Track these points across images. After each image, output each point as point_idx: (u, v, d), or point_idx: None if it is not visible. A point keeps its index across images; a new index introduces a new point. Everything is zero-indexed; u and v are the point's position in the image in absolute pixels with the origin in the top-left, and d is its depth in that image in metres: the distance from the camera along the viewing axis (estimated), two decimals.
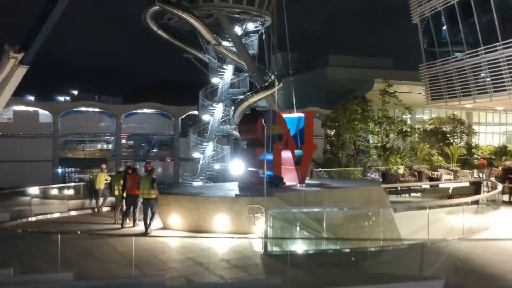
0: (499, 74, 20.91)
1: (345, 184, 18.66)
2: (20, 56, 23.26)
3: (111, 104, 48.45)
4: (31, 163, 45.71)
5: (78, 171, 52.83)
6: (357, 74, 59.56)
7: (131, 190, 15.94)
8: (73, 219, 17.71)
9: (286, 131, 17.71)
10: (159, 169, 52.72)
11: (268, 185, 16.80)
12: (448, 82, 24.39)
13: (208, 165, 36.01)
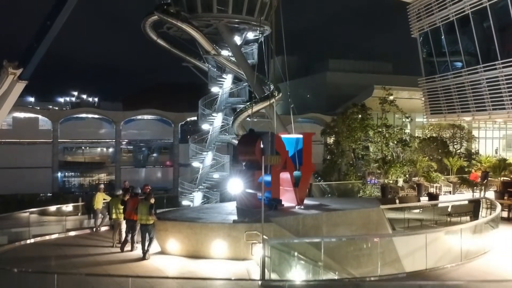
0: (498, 92, 20.87)
1: (344, 205, 18.59)
2: (19, 72, 23.32)
3: (110, 111, 48.41)
4: (31, 169, 45.74)
5: (78, 175, 52.76)
6: (357, 79, 59.58)
7: (131, 215, 15.93)
8: (72, 240, 17.69)
9: (284, 153, 17.70)
10: (158, 174, 52.95)
11: (266, 207, 16.85)
12: (447, 97, 24.37)
13: (208, 174, 35.99)
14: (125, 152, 52.31)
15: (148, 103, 73.24)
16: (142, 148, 53.80)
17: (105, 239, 17.80)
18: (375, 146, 37.13)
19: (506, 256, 16.37)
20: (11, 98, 23.81)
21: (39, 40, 23.18)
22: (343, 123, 40.20)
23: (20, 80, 23.47)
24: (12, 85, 23.43)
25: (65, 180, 51.11)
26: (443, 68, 24.32)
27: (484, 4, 20.19)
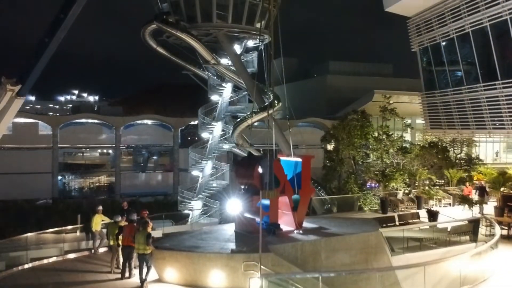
0: (498, 111, 20.76)
1: (343, 228, 18.52)
2: (17, 89, 23.16)
3: (110, 117, 48.31)
4: (31, 175, 45.74)
5: (78, 177, 52.64)
6: (357, 82, 59.45)
7: (127, 242, 15.89)
8: (70, 265, 17.65)
9: (283, 178, 17.65)
10: (158, 179, 52.89)
11: (265, 232, 16.88)
12: (447, 113, 24.27)
13: (207, 183, 35.94)
14: (125, 156, 52.26)
15: (148, 104, 73.48)
16: (142, 152, 53.78)
17: (103, 262, 17.76)
18: (375, 154, 37.05)
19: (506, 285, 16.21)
20: (10, 114, 23.66)
21: (37, 57, 23.03)
22: (343, 130, 40.11)
23: (19, 96, 23.35)
24: (10, 102, 23.28)
25: (65, 184, 51.08)
26: (443, 84, 24.20)
27: (484, 24, 20.05)
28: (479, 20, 20.26)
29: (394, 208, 28.51)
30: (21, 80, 23.29)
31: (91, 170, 53.93)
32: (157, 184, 50.93)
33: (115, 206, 44.91)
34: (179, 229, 23.55)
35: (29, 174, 45.76)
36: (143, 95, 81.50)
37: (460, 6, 21.09)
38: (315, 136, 54.29)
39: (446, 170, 31.70)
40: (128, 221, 16.51)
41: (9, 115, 23.82)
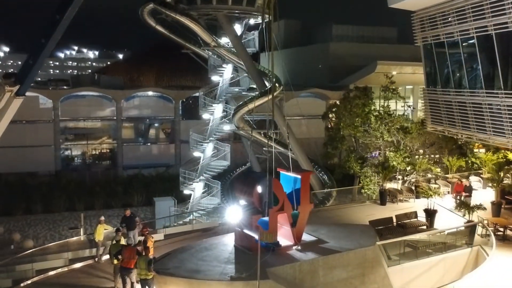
0: (499, 119, 20.65)
1: (340, 242, 18.86)
2: (16, 89, 23.02)
3: (111, 90, 48.02)
4: (33, 148, 46.07)
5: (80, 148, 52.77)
6: (361, 49, 58.45)
7: (126, 264, 16.26)
8: (74, 279, 18.14)
9: (282, 196, 17.84)
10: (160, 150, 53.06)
11: (264, 249, 17.28)
12: (449, 111, 24.10)
13: (209, 164, 36.24)
14: (126, 129, 52.34)
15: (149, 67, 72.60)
16: (143, 124, 53.84)
17: (106, 275, 18.24)
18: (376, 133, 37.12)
19: None
20: (9, 114, 23.60)
21: (34, 57, 22.77)
22: (344, 108, 40.02)
23: (18, 96, 23.25)
24: (9, 102, 23.20)
25: (68, 156, 51.44)
26: (445, 83, 23.89)
27: (489, 32, 19.58)
28: (485, 26, 19.76)
29: (392, 198, 28.84)
30: (19, 80, 23.15)
31: (94, 135, 53.87)
32: (158, 156, 51.27)
33: (118, 181, 45.70)
34: (181, 229, 23.89)
35: (32, 147, 46.06)
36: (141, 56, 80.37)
37: (465, 9, 20.51)
38: (317, 106, 54.16)
39: (445, 159, 31.84)
40: (127, 245, 16.77)
41: (8, 115, 23.74)
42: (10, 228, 38.13)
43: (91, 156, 53.06)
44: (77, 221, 39.95)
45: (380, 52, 56.52)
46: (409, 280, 19.80)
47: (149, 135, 54.15)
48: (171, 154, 50.77)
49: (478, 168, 32.44)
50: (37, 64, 23.06)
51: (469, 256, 21.12)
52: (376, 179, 31.87)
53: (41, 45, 22.63)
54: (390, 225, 22.85)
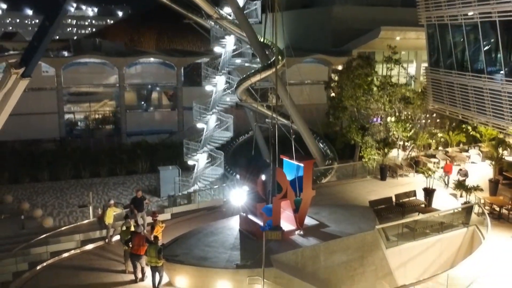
0: (499, 104, 20.96)
1: (341, 225, 19.58)
2: (22, 71, 23.32)
3: (113, 57, 47.91)
4: (37, 116, 46.43)
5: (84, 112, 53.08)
6: (364, 12, 57.59)
7: (136, 251, 17.06)
8: (86, 261, 19.00)
9: (285, 184, 18.42)
10: (162, 117, 53.35)
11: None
12: (450, 92, 24.35)
13: (212, 136, 36.67)
14: (129, 96, 52.50)
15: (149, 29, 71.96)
16: (146, 90, 53.95)
17: (117, 257, 19.10)
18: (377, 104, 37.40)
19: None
20: (15, 95, 24.01)
21: (39, 39, 22.95)
22: (347, 78, 40.06)
23: (23, 78, 23.56)
24: (15, 83, 23.54)
25: (72, 122, 51.90)
26: (448, 64, 23.99)
27: (493, 18, 19.58)
28: (489, 13, 19.74)
29: (393, 173, 29.49)
30: (24, 62, 23.39)
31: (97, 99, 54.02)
32: (161, 122, 51.67)
33: (122, 149, 46.27)
34: (187, 208, 24.63)
35: (36, 114, 46.37)
36: (144, 17, 79.34)
37: None
38: (319, 72, 54.08)
39: (445, 134, 32.26)
40: (137, 232, 17.49)
41: (15, 96, 24.17)
42: (19, 196, 39.01)
43: (94, 120, 53.48)
44: (84, 189, 40.93)
45: (384, 15, 55.76)
46: (406, 260, 20.68)
47: (151, 101, 54.36)
48: (174, 121, 51.18)
49: (478, 141, 32.91)
50: (41, 46, 23.32)
51: (465, 236, 21.94)
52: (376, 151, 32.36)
53: (46, 28, 22.80)
54: (389, 204, 23.60)
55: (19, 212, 33.46)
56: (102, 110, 53.70)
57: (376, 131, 38.11)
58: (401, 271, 20.47)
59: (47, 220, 32.86)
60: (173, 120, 51.48)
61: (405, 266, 20.72)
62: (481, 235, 21.17)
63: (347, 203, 23.83)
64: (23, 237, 21.25)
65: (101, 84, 50.40)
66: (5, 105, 23.96)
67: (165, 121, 51.90)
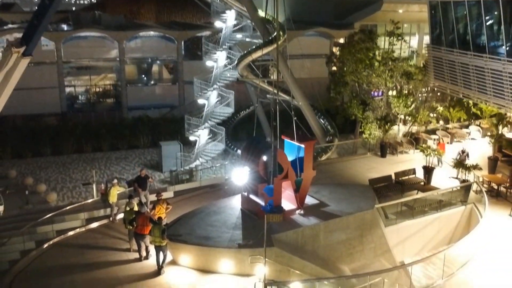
0: (500, 84, 21.01)
1: (341, 205, 19.85)
2: (23, 49, 23.30)
3: (113, 31, 47.51)
4: (38, 90, 46.39)
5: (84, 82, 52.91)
6: None
7: (140, 230, 17.43)
8: (92, 239, 19.41)
9: (286, 164, 18.66)
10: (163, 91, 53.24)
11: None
12: (451, 70, 24.36)
13: (213, 112, 36.75)
14: (129, 70, 52.32)
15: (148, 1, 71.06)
16: (146, 65, 53.74)
17: (121, 235, 19.50)
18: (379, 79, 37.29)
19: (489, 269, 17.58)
20: (17, 74, 24.03)
21: (39, 18, 22.83)
22: (348, 52, 39.82)
23: (24, 56, 23.55)
24: (16, 62, 23.53)
25: (73, 96, 51.89)
26: (450, 43, 23.91)
27: None
28: None
29: (393, 150, 29.73)
30: (25, 41, 23.34)
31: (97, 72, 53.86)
32: (162, 97, 51.62)
33: (123, 124, 46.39)
34: (189, 185, 24.95)
35: (37, 89, 46.32)
36: None
37: None
38: (321, 45, 53.71)
39: (446, 110, 32.32)
40: (140, 212, 17.81)
41: (16, 74, 24.21)
42: (22, 171, 39.42)
43: (94, 93, 53.46)
44: (86, 163, 41.31)
45: None
46: (404, 238, 21.13)
47: (152, 75, 54.21)
48: (175, 95, 51.15)
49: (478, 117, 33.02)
50: (42, 25, 23.21)
51: (463, 214, 22.33)
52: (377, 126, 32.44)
53: (45, 6, 22.65)
54: (389, 182, 23.93)
55: (23, 187, 33.94)
56: (102, 83, 53.61)
57: (376, 106, 38.13)
58: (399, 248, 20.93)
59: (51, 196, 33.33)
60: (174, 94, 51.42)
61: (403, 243, 21.18)
62: (479, 213, 21.54)
63: (347, 182, 24.18)
64: (29, 215, 21.61)
65: (101, 58, 50.11)
66: (7, 84, 23.99)
67: (166, 95, 51.84)
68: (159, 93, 52.26)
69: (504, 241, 19.55)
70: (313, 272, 17.22)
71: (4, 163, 40.68)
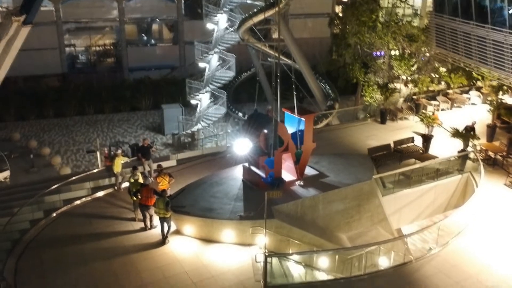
0: (501, 55, 21.06)
1: (340, 176, 20.31)
2: (23, 18, 23.27)
3: None
4: (39, 51, 46.16)
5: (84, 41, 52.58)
6: None
7: (144, 201, 18.00)
8: (98, 208, 20.00)
9: (287, 137, 19.01)
10: (164, 52, 52.90)
11: (269, 186, 18.97)
12: (453, 39, 24.30)
13: (214, 75, 36.79)
14: (129, 30, 51.83)
15: None
16: (146, 25, 53.16)
17: (126, 204, 20.07)
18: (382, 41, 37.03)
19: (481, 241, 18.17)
20: (17, 43, 24.08)
21: None
22: (351, 14, 39.33)
23: (25, 25, 23.53)
24: (17, 31, 23.54)
25: (74, 56, 51.73)
26: (453, 11, 23.73)
27: None
28: None
29: (393, 117, 29.94)
30: (25, 9, 23.27)
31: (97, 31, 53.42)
32: (163, 57, 51.39)
33: (125, 86, 46.47)
34: (192, 154, 25.34)
35: (38, 50, 46.04)
36: None
37: None
38: (323, 4, 52.85)
39: (447, 76, 32.26)
40: (145, 185, 18.33)
41: (17, 43, 24.26)
42: (26, 133, 39.93)
43: (95, 53, 53.24)
44: (89, 125, 41.77)
45: None
46: (401, 206, 21.71)
47: (152, 36, 53.75)
48: (176, 56, 50.95)
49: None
50: None
51: (459, 182, 22.82)
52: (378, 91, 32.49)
53: None
54: (387, 151, 24.29)
55: (28, 151, 34.48)
56: (102, 42, 53.25)
57: (378, 69, 38.04)
58: (395, 216, 21.57)
59: (55, 159, 33.94)
60: (175, 55, 51.21)
61: (400, 211, 21.80)
62: (475, 183, 22.01)
63: (346, 150, 24.56)
64: (36, 184, 22.14)
65: (101, 18, 49.59)
66: (8, 53, 24.10)
67: (166, 56, 51.62)
68: (159, 54, 52.02)
69: (498, 211, 20.08)
70: (312, 241, 17.90)
71: (7, 126, 41.16)
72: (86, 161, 34.41)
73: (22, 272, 16.02)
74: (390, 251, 17.40)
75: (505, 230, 18.59)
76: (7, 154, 30.63)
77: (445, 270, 16.40)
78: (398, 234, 21.84)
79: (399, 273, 16.37)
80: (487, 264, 16.56)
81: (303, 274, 16.30)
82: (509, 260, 16.75)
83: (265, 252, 15.21)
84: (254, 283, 15.45)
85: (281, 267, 16.23)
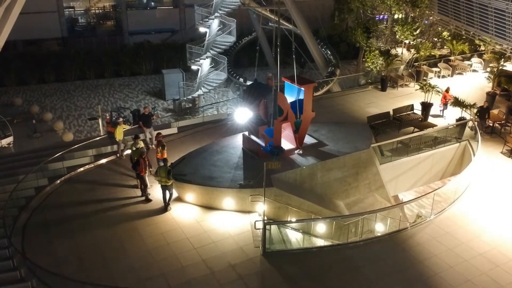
0: (503, 24, 20.98)
1: (338, 144, 20.55)
2: None
3: None
4: (38, 14, 45.71)
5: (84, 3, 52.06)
6: None
7: (142, 171, 18.42)
8: (101, 176, 20.39)
9: (286, 107, 19.21)
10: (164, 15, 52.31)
11: (269, 154, 19.32)
12: (455, 6, 24.13)
13: (215, 41, 36.56)
14: None
15: None
16: None
17: (128, 171, 20.42)
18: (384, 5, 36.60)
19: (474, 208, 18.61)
20: (16, 9, 24.04)
21: None
22: None
23: None
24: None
25: (74, 20, 51.25)
26: None
27: None
28: None
29: (393, 84, 30.00)
30: None
31: None
32: (163, 21, 50.88)
33: (125, 51, 46.23)
34: (192, 121, 25.57)
35: (36, 13, 45.56)
36: None
37: None
38: None
39: (449, 43, 32.06)
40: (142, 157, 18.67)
41: (16, 10, 24.22)
42: (27, 99, 40.06)
43: (94, 15, 52.76)
44: (90, 90, 41.84)
45: None
46: (398, 174, 22.12)
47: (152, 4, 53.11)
48: (176, 19, 50.46)
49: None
50: None
51: (456, 150, 23.12)
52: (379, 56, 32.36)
53: None
54: (387, 119, 24.51)
55: (30, 116, 34.72)
56: (102, 5, 52.65)
57: (381, 34, 37.74)
58: (392, 183, 22.01)
59: (57, 124, 34.19)
60: (175, 18, 50.70)
61: (397, 179, 22.22)
62: (472, 151, 22.28)
63: (346, 118, 24.75)
64: (39, 152, 22.47)
65: None
66: (6, 21, 24.12)
67: (166, 19, 51.12)
68: (160, 17, 51.47)
69: (493, 179, 20.42)
70: (310, 208, 18.35)
71: (8, 90, 41.25)
72: (88, 126, 34.66)
73: (29, 238, 16.55)
74: (387, 218, 17.85)
75: (499, 198, 18.96)
76: (9, 119, 30.88)
77: (438, 237, 16.85)
78: (395, 200, 22.38)
79: (394, 240, 16.82)
80: (480, 231, 17.00)
81: (300, 240, 16.82)
82: (500, 227, 17.19)
83: (264, 219, 15.66)
84: (253, 249, 15.96)
85: (279, 233, 16.74)
